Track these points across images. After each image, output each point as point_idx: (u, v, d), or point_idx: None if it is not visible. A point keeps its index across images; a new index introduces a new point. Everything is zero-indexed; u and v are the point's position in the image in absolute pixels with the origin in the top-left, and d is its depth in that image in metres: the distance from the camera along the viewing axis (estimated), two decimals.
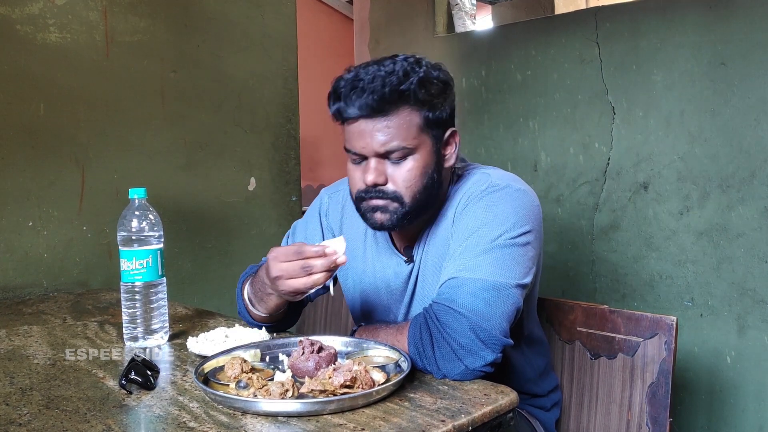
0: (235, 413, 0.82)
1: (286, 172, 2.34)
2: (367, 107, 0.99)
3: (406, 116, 1.02)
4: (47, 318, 1.40)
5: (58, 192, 1.75)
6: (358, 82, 1.00)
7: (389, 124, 1.01)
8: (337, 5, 5.50)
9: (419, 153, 1.04)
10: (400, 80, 0.99)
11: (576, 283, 2.35)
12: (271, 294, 1.08)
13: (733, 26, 1.96)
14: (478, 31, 2.81)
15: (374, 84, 0.99)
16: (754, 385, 1.97)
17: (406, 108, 1.01)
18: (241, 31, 2.18)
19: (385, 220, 1.06)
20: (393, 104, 1.00)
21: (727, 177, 1.99)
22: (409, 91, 1.00)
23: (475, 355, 0.93)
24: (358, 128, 1.03)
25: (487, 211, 1.03)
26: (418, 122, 1.03)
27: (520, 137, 2.50)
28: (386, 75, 0.99)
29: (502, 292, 0.97)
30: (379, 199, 1.05)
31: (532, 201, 1.07)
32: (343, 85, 1.01)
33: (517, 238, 1.01)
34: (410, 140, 1.02)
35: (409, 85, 1.00)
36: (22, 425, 0.80)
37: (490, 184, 1.07)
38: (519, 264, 1.00)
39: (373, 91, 0.98)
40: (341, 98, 1.01)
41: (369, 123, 1.01)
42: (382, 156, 1.03)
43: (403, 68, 1.01)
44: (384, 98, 0.99)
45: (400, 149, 1.02)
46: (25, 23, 1.68)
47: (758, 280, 1.94)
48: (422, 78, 1.01)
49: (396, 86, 0.99)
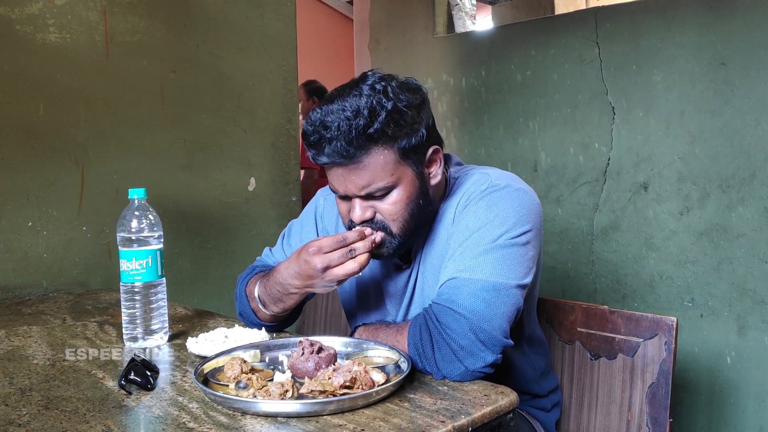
0: (235, 414, 0.81)
1: (285, 173, 2.34)
2: (338, 155, 0.96)
3: (379, 155, 0.98)
4: (47, 318, 1.40)
5: (58, 192, 1.75)
6: (325, 131, 0.96)
7: (363, 167, 0.98)
8: (337, 5, 5.51)
9: (401, 185, 1.02)
10: (366, 122, 0.95)
11: (576, 284, 2.35)
12: (294, 293, 1.09)
13: (733, 26, 1.96)
14: (478, 31, 2.81)
15: (341, 131, 0.95)
16: (755, 386, 1.97)
17: (377, 147, 0.98)
18: (240, 31, 2.18)
19: (382, 253, 1.06)
20: (363, 148, 0.96)
21: (727, 177, 1.99)
22: (377, 131, 0.96)
23: (475, 356, 0.93)
24: (335, 173, 1.01)
25: (487, 210, 1.03)
26: (393, 157, 0.99)
27: (520, 137, 2.50)
28: (352, 117, 0.95)
29: (503, 292, 0.97)
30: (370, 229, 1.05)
31: (532, 200, 1.07)
32: (312, 132, 0.98)
33: (517, 238, 1.01)
34: (388, 178, 1.00)
35: (377, 125, 0.95)
36: (21, 425, 0.80)
37: (490, 184, 1.06)
38: (519, 264, 1.00)
39: (339, 138, 0.95)
40: (312, 146, 0.99)
41: (343, 169, 0.99)
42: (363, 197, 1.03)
43: (369, 105, 0.95)
44: (352, 144, 0.95)
45: (380, 189, 1.01)
46: (25, 23, 1.68)
47: (758, 281, 1.93)
48: (390, 111, 0.96)
49: (363, 130, 0.95)
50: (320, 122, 0.97)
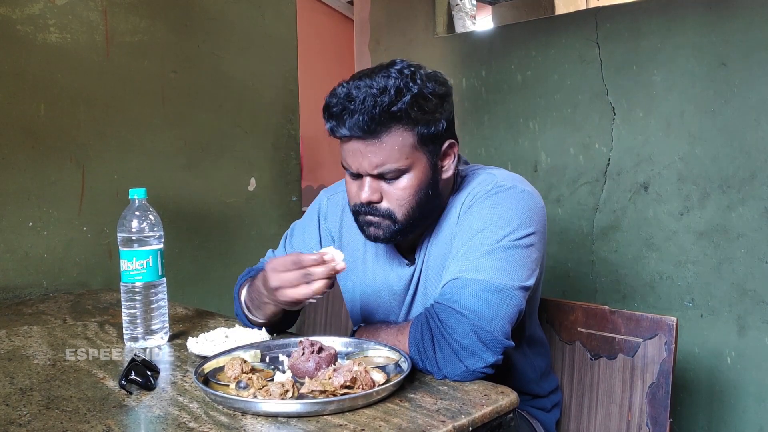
0: (235, 414, 0.82)
1: (286, 173, 2.34)
2: (358, 129, 0.97)
3: (398, 136, 0.99)
4: (47, 318, 1.40)
5: (59, 192, 1.75)
6: (350, 103, 0.96)
7: (381, 145, 0.99)
8: (337, 6, 5.51)
9: (413, 171, 1.02)
10: (391, 100, 0.96)
11: (576, 284, 2.35)
12: (268, 303, 1.08)
13: (733, 27, 1.96)
14: (479, 31, 2.81)
15: (365, 105, 0.95)
16: (755, 386, 1.97)
17: (398, 128, 0.99)
18: (241, 31, 2.18)
19: (379, 234, 1.06)
20: (384, 125, 0.97)
21: (727, 177, 1.99)
22: (400, 111, 0.97)
23: (476, 356, 0.93)
24: (351, 148, 1.01)
25: (492, 211, 1.03)
26: (411, 141, 1.00)
27: (520, 138, 2.50)
28: (378, 94, 0.96)
29: (505, 293, 0.97)
30: (373, 216, 1.05)
31: (537, 202, 1.07)
32: (335, 103, 0.98)
33: (521, 240, 1.01)
34: (403, 161, 1.00)
35: (401, 105, 0.96)
36: (22, 425, 0.80)
37: (495, 185, 1.06)
38: (522, 266, 1.00)
39: (363, 112, 0.95)
40: (333, 117, 0.99)
41: (361, 144, 0.99)
42: (375, 176, 1.03)
43: (396, 85, 0.97)
44: (375, 120, 0.96)
45: (393, 170, 1.01)
46: (26, 23, 1.69)
47: (758, 281, 1.93)
48: (415, 95, 0.98)
49: (387, 107, 0.96)
50: (346, 94, 0.97)
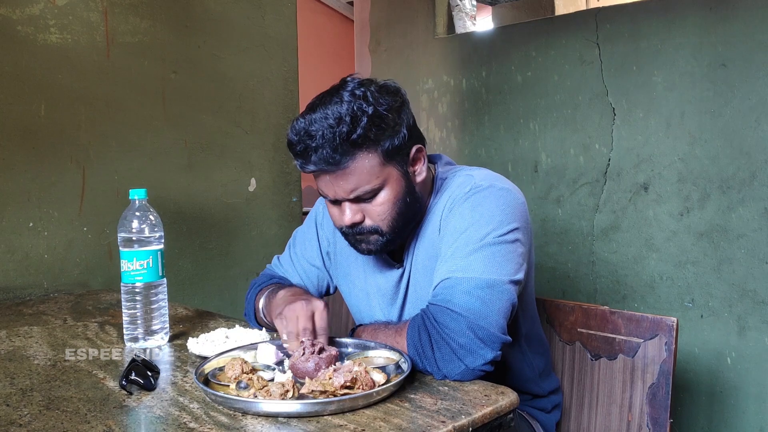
0: (236, 414, 0.82)
1: (286, 173, 2.34)
2: (324, 163, 0.99)
3: (363, 160, 1.00)
4: (48, 319, 1.40)
5: (59, 193, 1.75)
6: (310, 140, 0.98)
7: (349, 172, 1.00)
8: (337, 6, 5.51)
9: (387, 187, 1.04)
10: (349, 129, 0.97)
11: (576, 284, 2.35)
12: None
13: (733, 27, 1.96)
14: (479, 32, 2.81)
15: (325, 138, 0.97)
16: (755, 387, 1.97)
17: (362, 152, 1.00)
18: (241, 32, 2.18)
19: (371, 249, 1.09)
20: (348, 154, 0.98)
21: (727, 178, 1.99)
22: (360, 137, 0.98)
23: (475, 354, 0.93)
24: (323, 180, 1.03)
25: (472, 211, 1.04)
26: (378, 160, 1.01)
27: (520, 138, 2.50)
28: (335, 125, 0.96)
29: (496, 289, 0.98)
30: (360, 234, 1.08)
31: (516, 198, 1.07)
32: (297, 141, 0.99)
33: (505, 236, 1.02)
34: (374, 180, 1.02)
35: (360, 131, 0.97)
36: (22, 426, 0.80)
37: (473, 185, 1.08)
38: (510, 261, 1.01)
39: (324, 146, 0.97)
40: (298, 156, 1.01)
41: (330, 175, 1.01)
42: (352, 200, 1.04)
43: (350, 111, 0.97)
44: (337, 151, 0.97)
45: (367, 192, 1.02)
46: (26, 24, 1.69)
47: (759, 281, 1.93)
48: (371, 116, 0.98)
49: (347, 137, 0.97)
50: (304, 132, 0.99)
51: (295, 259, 1.34)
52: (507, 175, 2.48)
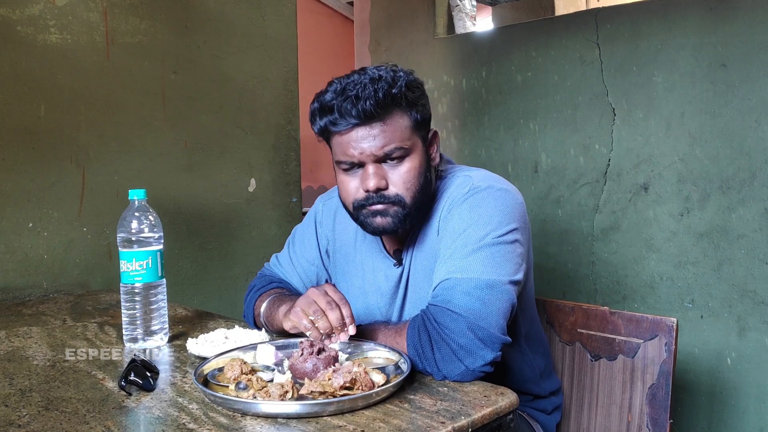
0: (235, 415, 0.81)
1: (286, 174, 2.34)
2: (364, 114, 1.00)
3: (398, 119, 1.04)
4: (47, 319, 1.40)
5: (59, 193, 1.75)
6: (350, 92, 1.01)
7: (385, 128, 1.02)
8: (337, 6, 5.51)
9: (414, 154, 1.06)
10: (390, 85, 1.01)
11: (576, 285, 2.35)
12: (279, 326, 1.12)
13: (733, 28, 1.96)
14: (479, 32, 2.81)
15: (366, 91, 1.00)
16: (755, 387, 1.97)
17: (398, 111, 1.04)
18: (241, 32, 2.18)
19: (387, 224, 1.07)
20: (387, 108, 1.02)
21: (727, 178, 1.99)
22: (400, 94, 1.02)
23: (475, 354, 0.93)
24: (355, 136, 1.03)
25: (471, 212, 1.04)
26: (408, 124, 1.05)
27: (520, 138, 2.50)
28: (376, 80, 1.01)
29: (496, 289, 0.98)
30: (380, 204, 1.06)
31: (515, 199, 1.08)
32: (332, 97, 1.02)
33: (504, 236, 1.02)
34: (406, 141, 1.04)
35: (399, 88, 1.02)
36: (21, 426, 0.80)
37: (471, 186, 1.08)
38: (509, 261, 1.01)
39: (367, 97, 1.00)
40: (333, 110, 1.02)
41: (365, 129, 1.02)
42: (379, 161, 1.04)
43: (388, 74, 1.03)
44: (379, 103, 1.00)
45: (399, 150, 1.03)
46: (26, 24, 1.69)
47: (759, 282, 1.93)
48: (408, 81, 1.04)
49: (388, 90, 1.01)
50: (342, 89, 1.02)
51: (294, 258, 1.34)
52: (507, 176, 2.49)
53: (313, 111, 1.06)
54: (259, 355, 0.98)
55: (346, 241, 1.25)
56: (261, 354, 0.98)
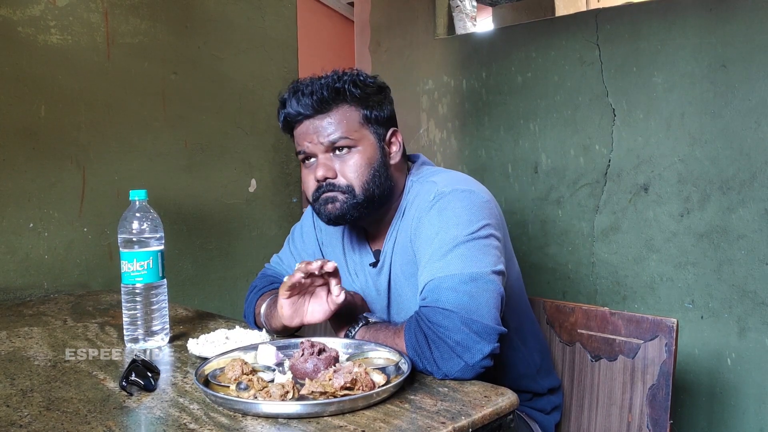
0: (236, 415, 0.82)
1: (286, 174, 2.34)
2: (310, 107, 1.12)
3: (345, 112, 1.13)
4: (48, 319, 1.40)
5: (59, 193, 1.76)
6: (299, 87, 1.14)
7: (330, 119, 1.12)
8: (337, 7, 5.51)
9: (362, 146, 1.13)
10: (334, 80, 1.13)
11: (576, 285, 2.35)
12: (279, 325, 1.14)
13: (733, 28, 1.96)
14: (479, 33, 2.81)
15: (312, 87, 1.12)
16: (755, 388, 1.97)
17: (344, 105, 1.13)
18: (241, 33, 2.18)
19: (336, 210, 1.13)
20: (331, 102, 1.12)
21: (727, 179, 1.99)
22: (343, 88, 1.12)
23: (472, 349, 0.94)
24: (305, 129, 1.14)
25: (439, 216, 1.06)
26: (357, 118, 1.13)
27: (520, 139, 2.50)
28: (323, 78, 1.14)
29: (481, 281, 0.99)
30: (330, 192, 1.13)
31: (480, 198, 1.09)
32: (288, 95, 1.15)
33: (476, 233, 1.03)
34: (352, 133, 1.12)
35: (343, 83, 1.12)
36: (22, 427, 0.80)
37: (436, 193, 1.10)
38: (486, 254, 1.02)
39: (312, 92, 1.11)
40: (286, 104, 1.15)
41: (313, 121, 1.13)
42: (328, 150, 1.13)
43: (337, 73, 1.15)
44: (323, 97, 1.11)
45: (344, 139, 1.12)
46: (27, 25, 1.69)
47: (759, 283, 1.93)
48: (354, 78, 1.14)
49: (332, 84, 1.12)
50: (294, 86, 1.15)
51: (294, 252, 1.37)
52: (507, 176, 2.50)
53: (277, 109, 1.19)
54: (259, 356, 0.98)
55: (335, 245, 1.31)
56: (262, 354, 0.98)
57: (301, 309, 1.07)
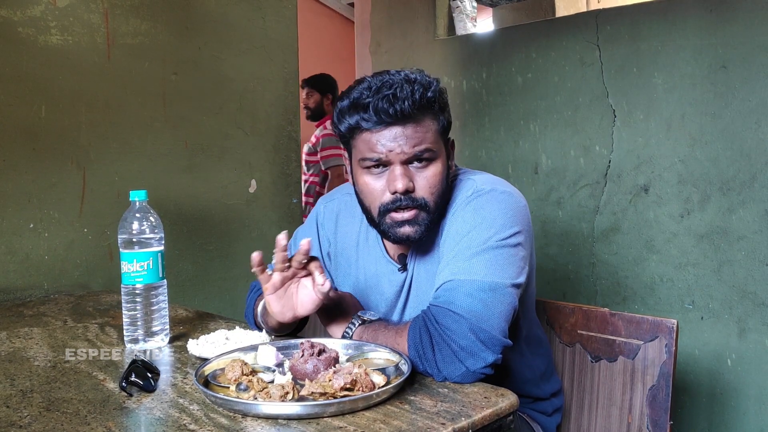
0: (236, 416, 0.82)
1: (286, 175, 2.34)
2: (402, 113, 1.01)
3: (430, 122, 1.05)
4: (48, 320, 1.40)
5: (59, 194, 1.76)
6: (386, 90, 1.01)
7: (418, 128, 1.03)
8: (338, 8, 5.51)
9: (440, 159, 1.07)
10: (425, 88, 1.03)
11: (577, 286, 2.35)
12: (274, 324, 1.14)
13: (734, 29, 1.96)
14: (479, 33, 2.81)
15: (404, 92, 1.01)
16: (755, 388, 1.97)
17: (430, 114, 1.05)
18: (242, 33, 2.18)
19: (413, 233, 1.06)
20: (422, 110, 1.03)
21: (727, 180, 1.99)
22: (433, 98, 1.04)
23: (476, 356, 0.93)
24: (387, 134, 1.03)
25: (474, 215, 1.05)
26: (437, 128, 1.06)
27: (521, 140, 2.50)
28: (411, 82, 1.02)
29: (498, 292, 0.98)
30: (408, 210, 1.05)
31: (518, 202, 1.08)
32: (367, 95, 1.02)
33: (507, 239, 1.02)
34: (435, 144, 1.05)
35: (432, 93, 1.04)
36: (22, 427, 0.80)
37: (475, 190, 1.08)
38: (512, 264, 1.01)
39: (405, 97, 1.01)
40: (368, 108, 1.01)
41: (399, 128, 1.02)
42: (406, 162, 1.04)
43: (422, 78, 1.05)
44: (416, 104, 1.01)
45: (428, 152, 1.04)
46: (27, 25, 1.69)
47: (759, 283, 1.93)
48: (439, 87, 1.06)
49: (424, 93, 1.02)
50: (380, 86, 1.02)
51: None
52: (507, 177, 2.49)
53: (342, 108, 1.05)
54: (259, 356, 0.98)
55: (349, 243, 1.25)
56: (262, 355, 0.98)
57: (290, 303, 1.06)
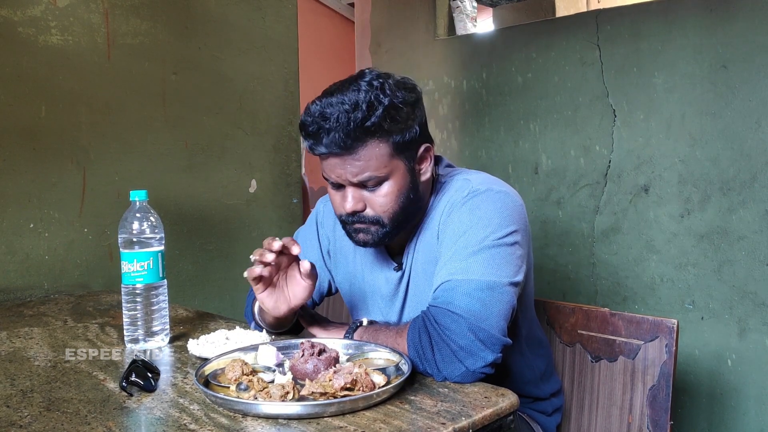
0: (236, 416, 0.82)
1: (287, 174, 2.34)
2: (335, 146, 0.99)
3: (374, 148, 1.01)
4: (48, 320, 1.40)
5: (60, 194, 1.76)
6: (324, 122, 0.98)
7: (358, 157, 1.01)
8: (338, 8, 5.51)
9: (393, 178, 1.05)
10: (364, 116, 0.98)
11: (577, 286, 2.35)
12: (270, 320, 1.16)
13: (734, 29, 1.96)
14: (479, 33, 2.81)
15: (339, 122, 0.98)
16: (755, 389, 1.97)
17: (373, 140, 1.01)
18: (242, 33, 2.18)
19: (368, 240, 1.09)
20: (360, 140, 0.99)
21: (728, 180, 1.99)
22: (374, 125, 0.99)
23: (475, 356, 0.93)
24: (330, 163, 1.03)
25: (470, 214, 1.05)
26: (387, 151, 1.02)
27: (520, 140, 2.50)
28: (350, 110, 0.98)
29: (496, 291, 0.98)
30: (360, 224, 1.08)
31: (514, 201, 1.08)
32: (310, 122, 1.00)
33: (503, 239, 1.02)
34: (381, 169, 1.03)
35: (374, 119, 0.99)
36: (23, 427, 0.80)
37: (471, 189, 1.08)
38: (509, 263, 1.01)
39: (338, 130, 0.98)
40: (309, 137, 1.01)
41: (338, 159, 1.02)
42: (356, 185, 1.05)
43: (367, 100, 0.99)
44: (350, 136, 0.98)
45: (373, 179, 1.03)
46: (27, 25, 1.69)
47: (759, 283, 1.93)
48: (387, 107, 1.00)
49: (361, 123, 0.98)
50: (319, 114, 0.99)
51: None
52: (507, 177, 2.49)
53: (299, 127, 1.05)
54: (260, 356, 0.98)
55: (347, 241, 1.24)
56: (262, 355, 0.98)
57: (282, 296, 1.08)
